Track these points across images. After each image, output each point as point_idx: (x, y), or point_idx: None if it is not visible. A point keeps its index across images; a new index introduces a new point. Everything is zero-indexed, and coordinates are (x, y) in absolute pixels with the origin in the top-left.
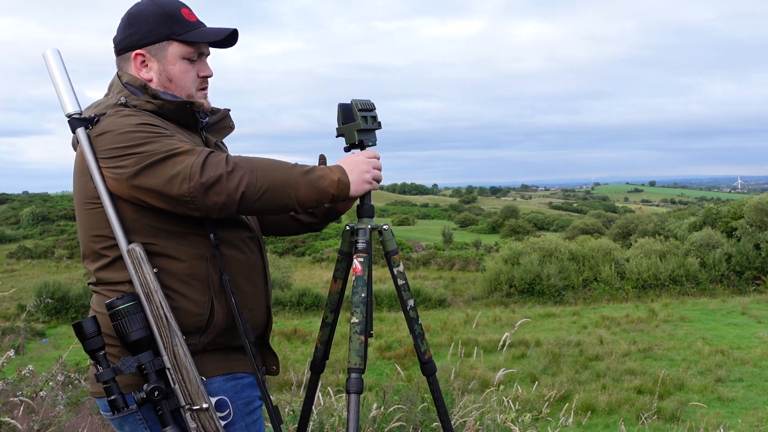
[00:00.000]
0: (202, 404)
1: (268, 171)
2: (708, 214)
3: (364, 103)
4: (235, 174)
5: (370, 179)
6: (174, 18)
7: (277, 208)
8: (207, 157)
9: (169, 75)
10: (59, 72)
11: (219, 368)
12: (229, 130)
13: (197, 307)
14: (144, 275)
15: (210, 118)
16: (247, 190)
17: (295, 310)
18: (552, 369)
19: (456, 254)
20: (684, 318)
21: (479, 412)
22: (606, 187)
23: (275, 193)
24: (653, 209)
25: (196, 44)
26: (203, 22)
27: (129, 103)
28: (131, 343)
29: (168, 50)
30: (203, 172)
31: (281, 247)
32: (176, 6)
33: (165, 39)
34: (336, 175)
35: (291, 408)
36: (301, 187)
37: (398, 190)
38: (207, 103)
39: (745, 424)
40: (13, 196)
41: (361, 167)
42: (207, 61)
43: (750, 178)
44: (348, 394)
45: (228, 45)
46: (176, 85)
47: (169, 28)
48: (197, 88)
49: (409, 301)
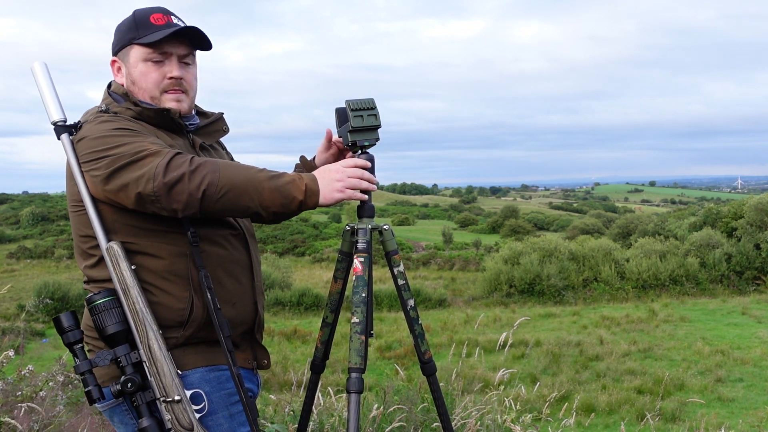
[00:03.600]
0: (174, 396)
1: (232, 172)
2: (708, 214)
3: (357, 103)
4: (197, 173)
5: (342, 188)
6: (139, 23)
7: (240, 209)
8: (172, 158)
9: (132, 78)
10: (46, 83)
11: (201, 360)
12: (221, 133)
13: (178, 302)
14: (121, 272)
15: (200, 120)
16: (209, 189)
17: (295, 310)
18: (552, 369)
19: (456, 254)
20: (684, 318)
21: (480, 412)
22: (606, 187)
23: (237, 195)
24: (653, 209)
25: (156, 45)
26: (178, 24)
27: (110, 109)
28: (108, 337)
29: (130, 54)
30: (166, 172)
31: (281, 247)
32: (147, 12)
33: (128, 44)
34: (305, 182)
35: (291, 408)
36: (266, 191)
37: (398, 190)
38: (180, 105)
39: (745, 424)
40: (13, 196)
41: (334, 176)
42: (176, 62)
43: (750, 178)
44: (348, 394)
45: (200, 44)
46: (138, 87)
47: (133, 33)
48: (163, 90)
49: (410, 301)
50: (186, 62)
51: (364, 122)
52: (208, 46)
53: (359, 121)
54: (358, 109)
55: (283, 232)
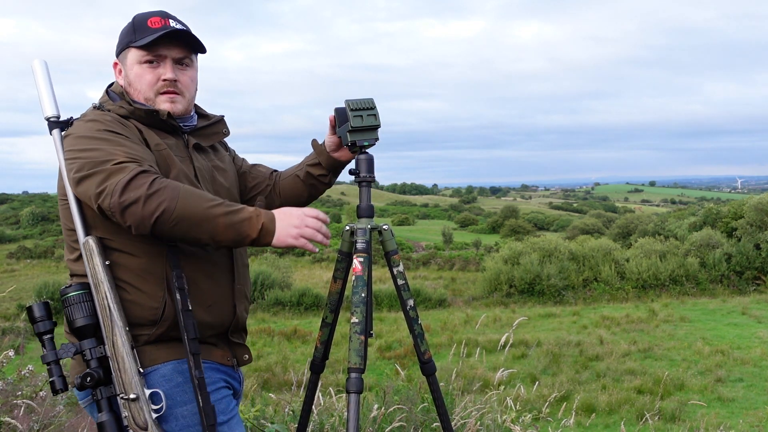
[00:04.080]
0: (131, 394)
1: (190, 203)
2: (708, 214)
3: (357, 103)
4: (153, 199)
5: (296, 235)
6: (137, 27)
7: (191, 240)
8: (133, 177)
9: (129, 80)
10: (44, 80)
11: (175, 353)
12: (221, 135)
13: (152, 301)
14: (94, 266)
15: (200, 122)
16: (162, 216)
17: (295, 310)
18: (552, 369)
19: (456, 254)
20: (684, 318)
21: (480, 412)
22: (606, 187)
23: (190, 226)
24: (653, 209)
25: (150, 47)
26: (175, 28)
27: (104, 107)
28: (76, 329)
29: (128, 56)
30: (123, 193)
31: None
32: (146, 16)
33: (126, 47)
34: (261, 220)
35: (291, 408)
36: (220, 227)
37: (398, 190)
38: (174, 107)
39: (745, 425)
40: (13, 196)
41: (293, 221)
42: (170, 64)
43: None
44: (348, 394)
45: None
46: (134, 88)
47: (130, 36)
48: (158, 92)
49: (409, 301)
50: (183, 64)
51: (364, 122)
52: (203, 49)
53: (359, 121)
54: (357, 108)
55: None
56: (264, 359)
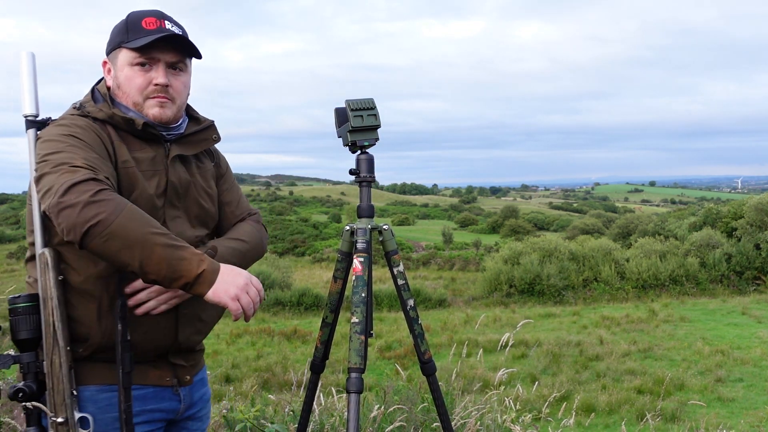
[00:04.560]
0: (59, 418)
1: (130, 223)
2: (708, 214)
3: (358, 103)
4: (92, 208)
5: (234, 297)
6: (131, 26)
7: (118, 261)
8: (81, 182)
9: (118, 82)
10: (29, 74)
11: (97, 378)
12: (210, 142)
13: (85, 321)
14: (46, 281)
15: (188, 126)
16: (95, 228)
17: (295, 310)
18: (552, 369)
19: (456, 254)
20: (684, 318)
21: (480, 412)
22: (606, 187)
23: (122, 246)
24: (653, 209)
25: (143, 50)
26: (170, 30)
27: (84, 107)
28: (18, 341)
29: (119, 57)
30: (65, 194)
31: (281, 247)
32: (141, 16)
33: (117, 47)
34: (203, 267)
35: (291, 408)
36: (154, 257)
37: (398, 190)
38: (163, 113)
39: (745, 425)
40: (13, 196)
41: (238, 282)
42: (163, 68)
43: (750, 178)
44: (348, 394)
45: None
46: (122, 91)
47: (122, 36)
48: (147, 96)
49: (409, 301)
50: (176, 69)
51: (364, 122)
52: (198, 54)
53: (359, 121)
54: (358, 109)
55: (283, 232)
56: (264, 359)
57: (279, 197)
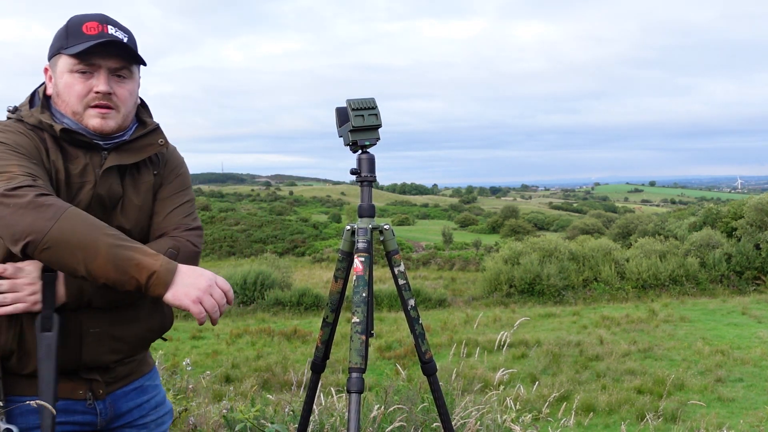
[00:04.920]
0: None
1: (71, 227)
2: (708, 214)
3: (359, 102)
4: (29, 215)
5: (196, 299)
6: (70, 31)
7: (65, 268)
8: (19, 187)
9: (57, 89)
10: None
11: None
12: (156, 147)
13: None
14: None
15: (128, 135)
16: (34, 237)
17: (295, 310)
18: (552, 369)
19: (456, 254)
20: (684, 318)
21: (480, 412)
22: (606, 187)
23: (63, 252)
24: (653, 209)
25: (83, 56)
26: (113, 35)
27: (19, 111)
28: None
29: (58, 63)
30: (2, 198)
31: (281, 247)
32: (82, 20)
33: (56, 53)
34: (158, 265)
35: (291, 408)
36: (100, 258)
37: (398, 190)
38: (105, 123)
39: (745, 425)
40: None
41: (199, 284)
42: (105, 75)
43: (750, 178)
44: (349, 394)
45: (136, 57)
46: (62, 100)
47: (62, 42)
48: (87, 105)
49: (410, 301)
50: (120, 75)
51: (365, 122)
52: (142, 61)
53: (360, 121)
54: (358, 108)
55: (283, 232)
56: (264, 359)
57: (279, 197)
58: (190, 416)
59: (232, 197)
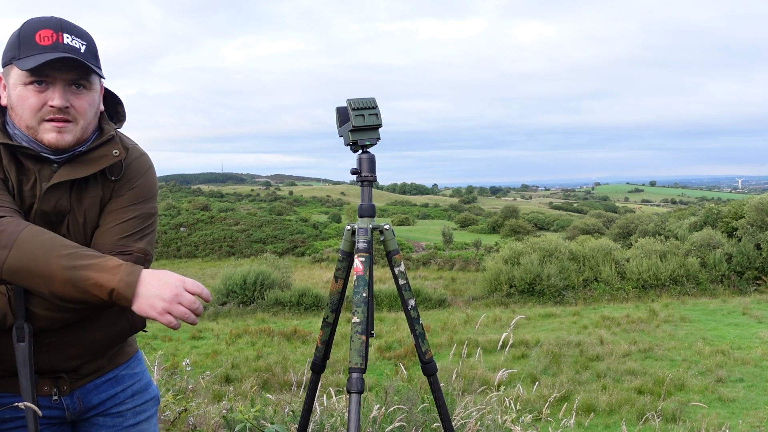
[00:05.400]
0: None
1: (24, 254)
2: (708, 214)
3: (359, 102)
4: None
5: (162, 310)
6: (23, 40)
7: (31, 289)
8: None
9: (11, 101)
10: None
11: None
12: (110, 159)
13: None
14: None
15: (85, 146)
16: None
17: (295, 310)
18: (552, 369)
19: (456, 254)
20: (684, 318)
21: (480, 412)
22: (606, 187)
23: (26, 278)
24: (654, 209)
25: (36, 71)
26: (69, 45)
27: None
28: None
29: (11, 75)
30: None
31: (281, 247)
32: (35, 28)
33: (8, 63)
34: (116, 282)
35: (291, 408)
36: (57, 283)
37: (398, 190)
38: (61, 138)
39: (745, 425)
40: None
41: (164, 293)
42: (61, 88)
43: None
44: (349, 394)
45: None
46: (15, 112)
47: (14, 51)
48: (42, 119)
49: (410, 301)
50: (79, 86)
51: (366, 121)
52: (100, 74)
53: (360, 120)
54: (359, 108)
55: (283, 232)
56: (264, 359)
57: (279, 197)
58: (189, 417)
59: (232, 197)
